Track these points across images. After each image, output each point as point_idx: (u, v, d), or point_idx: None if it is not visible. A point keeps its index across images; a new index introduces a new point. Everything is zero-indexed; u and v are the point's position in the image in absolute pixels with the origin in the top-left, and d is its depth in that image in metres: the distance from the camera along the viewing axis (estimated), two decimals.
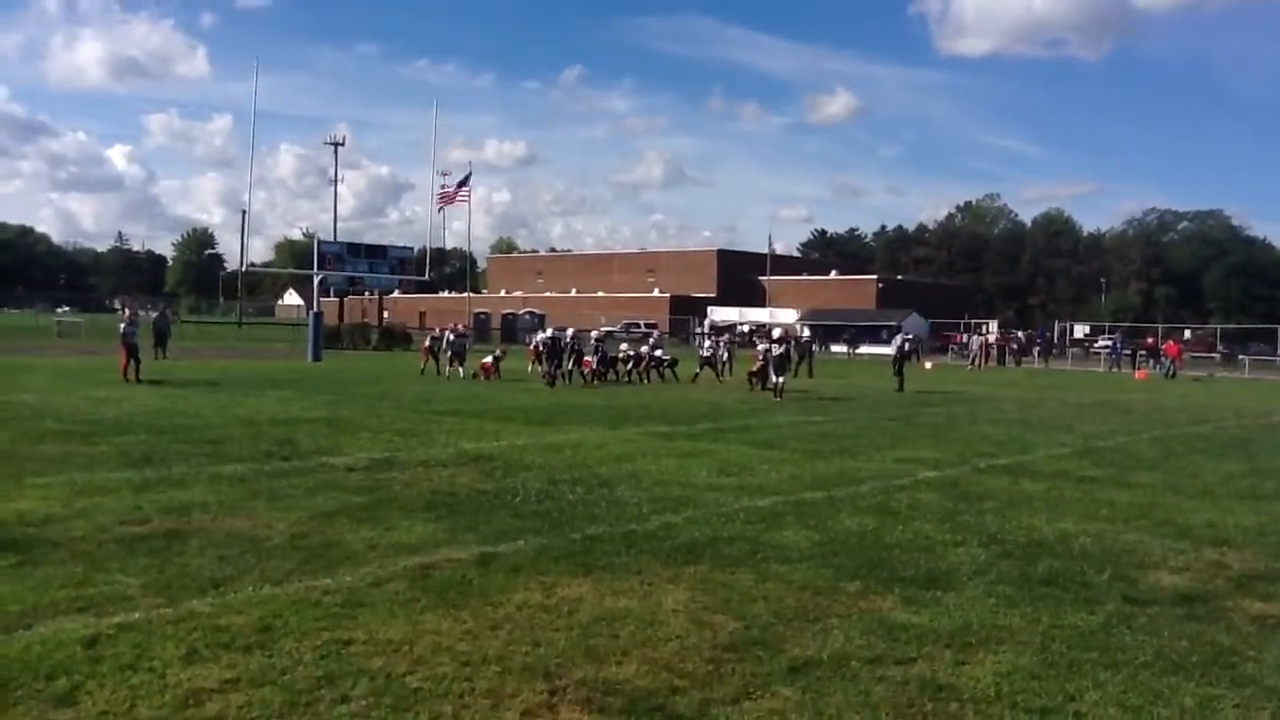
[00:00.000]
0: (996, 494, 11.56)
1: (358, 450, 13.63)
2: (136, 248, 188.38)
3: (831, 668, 5.62)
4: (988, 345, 54.17)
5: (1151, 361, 51.28)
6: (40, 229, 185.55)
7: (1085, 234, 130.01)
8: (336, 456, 13.01)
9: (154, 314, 38.64)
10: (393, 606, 6.52)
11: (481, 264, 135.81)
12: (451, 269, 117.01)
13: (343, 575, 7.22)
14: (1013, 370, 50.97)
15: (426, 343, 33.24)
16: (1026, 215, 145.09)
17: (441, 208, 56.79)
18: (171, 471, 11.51)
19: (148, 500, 9.76)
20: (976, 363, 50.79)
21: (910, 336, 36.32)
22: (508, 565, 7.64)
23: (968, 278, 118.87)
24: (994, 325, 69.50)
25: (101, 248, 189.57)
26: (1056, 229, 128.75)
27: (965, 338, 56.62)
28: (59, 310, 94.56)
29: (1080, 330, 76.17)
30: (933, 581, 7.52)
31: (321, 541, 8.27)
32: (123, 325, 25.77)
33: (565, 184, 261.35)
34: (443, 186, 57.38)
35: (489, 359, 30.59)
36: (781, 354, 26.27)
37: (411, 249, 55.56)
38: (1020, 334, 67.03)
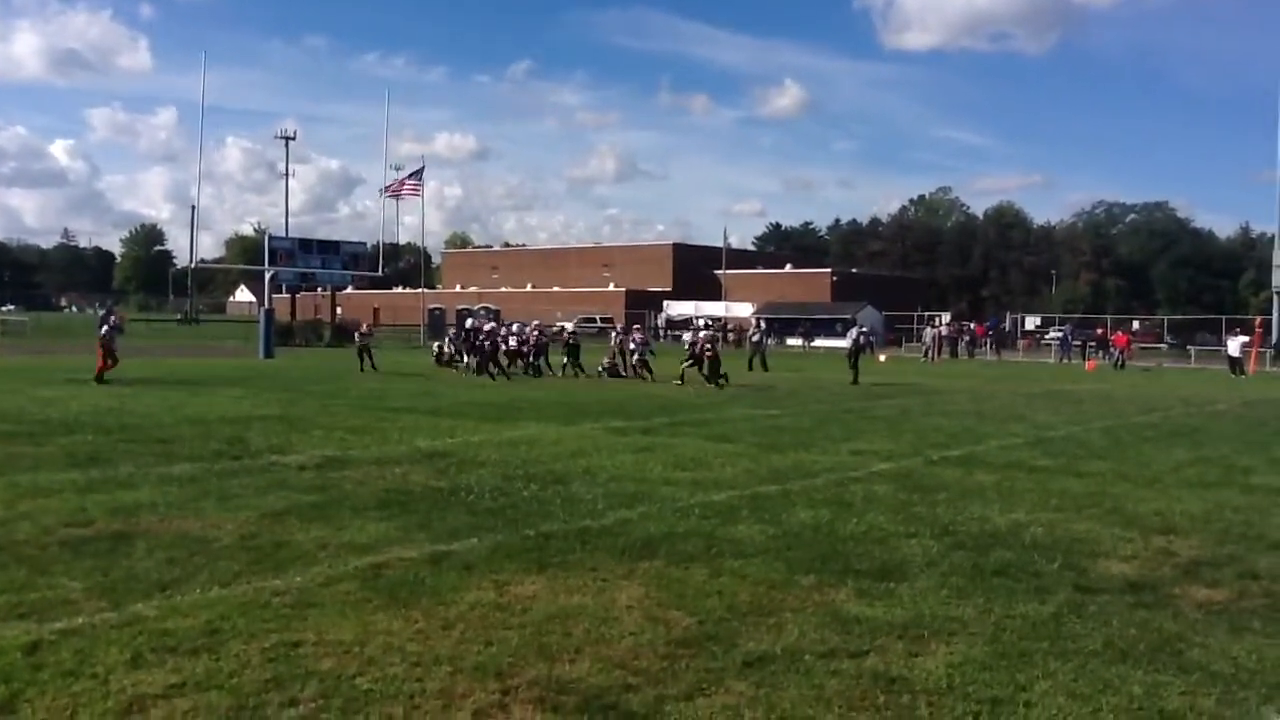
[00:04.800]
0: (949, 485, 11.64)
1: (309, 448, 13.48)
2: (83, 244, 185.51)
3: (785, 662, 5.62)
4: (940, 337, 54.62)
5: (1101, 352, 51.99)
6: None
7: (1036, 226, 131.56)
8: (288, 455, 12.85)
9: (101, 312, 38.06)
10: (343, 607, 6.44)
11: (436, 259, 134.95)
12: (406, 264, 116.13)
13: (293, 576, 7.13)
14: (966, 362, 51.46)
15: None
16: (979, 208, 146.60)
17: (396, 196, 56.23)
18: (119, 472, 11.31)
19: (93, 502, 9.58)
20: (930, 355, 51.21)
21: (865, 329, 36.55)
22: (460, 564, 7.58)
23: (921, 270, 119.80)
24: (946, 317, 70.05)
25: (46, 244, 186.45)
26: (1008, 222, 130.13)
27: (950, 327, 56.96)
28: (3, 309, 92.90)
29: (1032, 322, 77.09)
30: (886, 573, 7.55)
31: (271, 542, 8.16)
32: (104, 329, 25.16)
33: (518, 178, 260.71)
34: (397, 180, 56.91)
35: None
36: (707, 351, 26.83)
37: (365, 244, 55.20)
38: (971, 325, 67.57)
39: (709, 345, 27.67)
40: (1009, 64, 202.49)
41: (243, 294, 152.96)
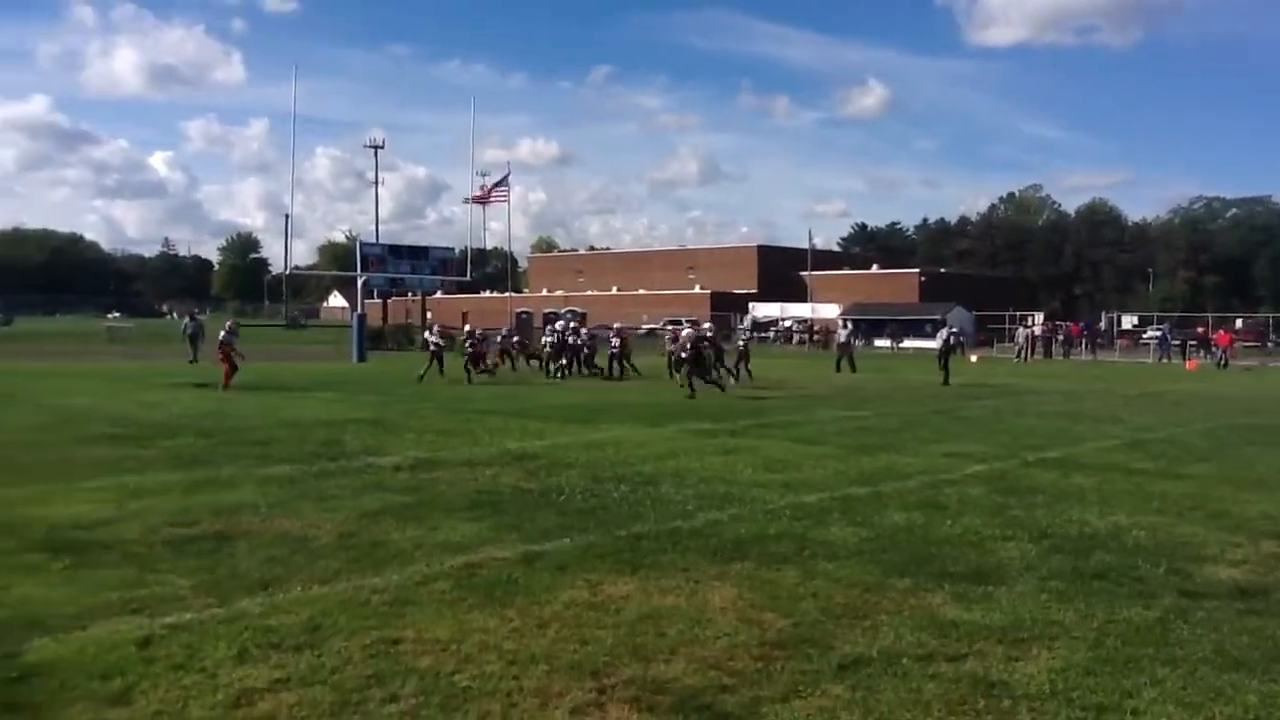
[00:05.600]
0: (1046, 488, 11.40)
1: (402, 450, 13.71)
2: (182, 252, 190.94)
3: (882, 665, 5.56)
4: (1034, 337, 53.56)
5: (1202, 351, 50.45)
6: (89, 236, 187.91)
7: (1130, 223, 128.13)
8: (382, 457, 13.09)
9: (186, 319, 39.42)
10: (440, 605, 6.54)
11: (522, 263, 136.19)
12: (493, 269, 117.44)
13: (390, 574, 7.26)
14: (1060, 362, 50.36)
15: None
16: (1070, 205, 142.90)
17: (482, 203, 56.87)
18: (220, 473, 11.63)
19: (197, 502, 9.88)
20: (1022, 355, 50.22)
21: (955, 330, 35.96)
22: (553, 564, 7.64)
23: (1011, 269, 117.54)
24: (1040, 317, 68.62)
25: (148, 253, 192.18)
26: (1101, 218, 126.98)
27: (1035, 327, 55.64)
28: (109, 316, 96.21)
29: (1128, 321, 75.08)
30: (983, 577, 7.42)
31: (368, 541, 8.32)
32: (221, 333, 26.02)
33: (601, 182, 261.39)
34: (482, 186, 57.61)
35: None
36: (692, 354, 25.21)
37: (453, 249, 55.71)
38: (1066, 324, 66.02)
39: (694, 344, 25.22)
40: (1095, 58, 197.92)
41: (335, 299, 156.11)
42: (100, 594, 6.69)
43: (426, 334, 30.46)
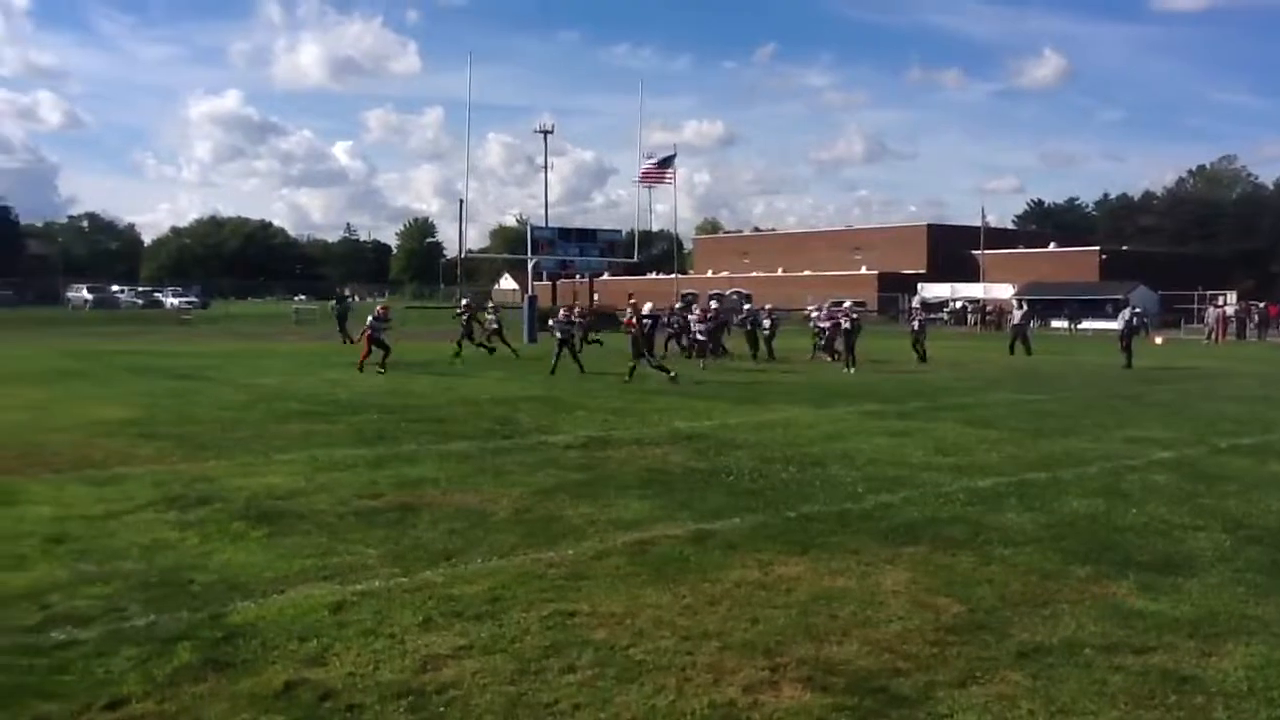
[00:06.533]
0: (1240, 476, 10.81)
1: (574, 429, 14.00)
2: (363, 238, 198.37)
3: (1063, 654, 5.41)
4: (1225, 318, 50.65)
5: None
6: (277, 223, 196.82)
7: None
8: (554, 435, 13.40)
9: (333, 302, 40.74)
10: (613, 580, 6.68)
11: (687, 245, 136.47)
12: (659, 251, 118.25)
13: (565, 549, 7.45)
14: (1254, 344, 47.47)
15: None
16: (1268, 177, 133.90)
17: (649, 185, 57.33)
18: (402, 449, 12.13)
19: (382, 476, 10.33)
20: (1213, 337, 47.55)
21: (1138, 310, 34.32)
22: (723, 542, 7.70)
23: (1199, 246, 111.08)
24: (1232, 296, 64.80)
25: (331, 239, 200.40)
26: None
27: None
28: (296, 299, 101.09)
29: None
30: (1171, 567, 7.11)
31: (544, 516, 8.56)
32: (369, 318, 26.72)
33: (765, 163, 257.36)
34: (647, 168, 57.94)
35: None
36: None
37: (619, 231, 56.39)
38: (1263, 304, 62.11)
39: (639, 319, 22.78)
40: None
41: (506, 282, 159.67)
42: (295, 561, 7.10)
43: (550, 320, 29.72)
